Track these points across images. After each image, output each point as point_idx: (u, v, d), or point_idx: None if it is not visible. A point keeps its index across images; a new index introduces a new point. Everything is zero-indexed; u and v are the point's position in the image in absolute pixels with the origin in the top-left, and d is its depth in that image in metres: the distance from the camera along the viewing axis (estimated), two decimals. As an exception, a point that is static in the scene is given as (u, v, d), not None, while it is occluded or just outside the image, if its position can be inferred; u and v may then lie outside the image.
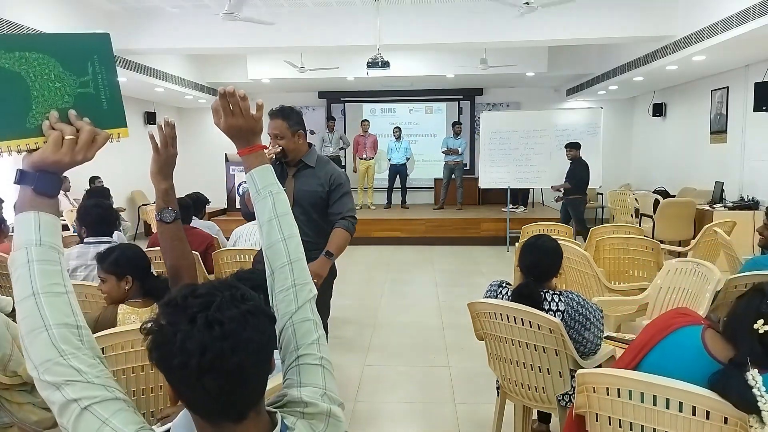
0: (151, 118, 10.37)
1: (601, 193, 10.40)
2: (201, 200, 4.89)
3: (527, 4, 5.78)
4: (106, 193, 6.92)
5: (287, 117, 2.78)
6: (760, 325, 1.46)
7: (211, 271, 3.89)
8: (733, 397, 1.44)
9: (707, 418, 1.51)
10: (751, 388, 1.40)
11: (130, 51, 7.41)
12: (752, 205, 6.88)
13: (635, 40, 7.40)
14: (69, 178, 7.60)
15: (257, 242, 3.91)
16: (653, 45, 7.40)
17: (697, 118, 8.79)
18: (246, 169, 1.26)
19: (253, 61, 10.03)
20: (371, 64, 7.24)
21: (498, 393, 2.68)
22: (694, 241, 4.99)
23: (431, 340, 4.59)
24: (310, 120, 11.85)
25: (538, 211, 10.09)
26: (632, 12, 6.84)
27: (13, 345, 2.40)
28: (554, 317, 2.30)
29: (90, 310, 2.51)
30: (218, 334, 0.85)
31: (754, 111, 6.60)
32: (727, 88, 7.88)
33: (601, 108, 9.54)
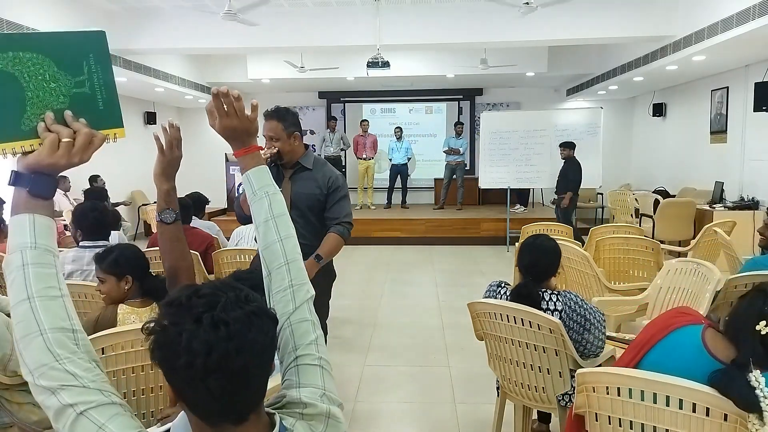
0: (151, 118, 10.37)
1: (601, 193, 10.39)
2: (201, 200, 4.89)
3: (527, 4, 5.78)
4: (104, 194, 6.92)
5: (282, 118, 2.70)
6: (762, 327, 1.47)
7: (211, 271, 3.88)
8: (735, 397, 1.44)
9: (707, 414, 1.51)
10: (754, 389, 1.40)
11: (130, 51, 7.40)
12: (752, 205, 6.88)
13: (635, 40, 7.40)
14: (69, 178, 7.61)
15: (257, 242, 3.89)
16: (653, 45, 7.40)
17: (697, 118, 8.79)
18: (242, 170, 1.26)
19: (253, 61, 10.03)
20: (371, 64, 7.24)
21: (498, 393, 2.68)
22: (694, 241, 4.98)
23: (431, 340, 4.58)
24: (310, 120, 11.87)
25: (538, 211, 10.08)
26: (632, 12, 6.83)
27: (14, 345, 2.39)
28: (553, 317, 2.30)
29: (89, 311, 2.51)
30: (224, 335, 0.85)
31: (754, 111, 6.60)
32: (727, 88, 7.88)
33: (601, 108, 9.55)
